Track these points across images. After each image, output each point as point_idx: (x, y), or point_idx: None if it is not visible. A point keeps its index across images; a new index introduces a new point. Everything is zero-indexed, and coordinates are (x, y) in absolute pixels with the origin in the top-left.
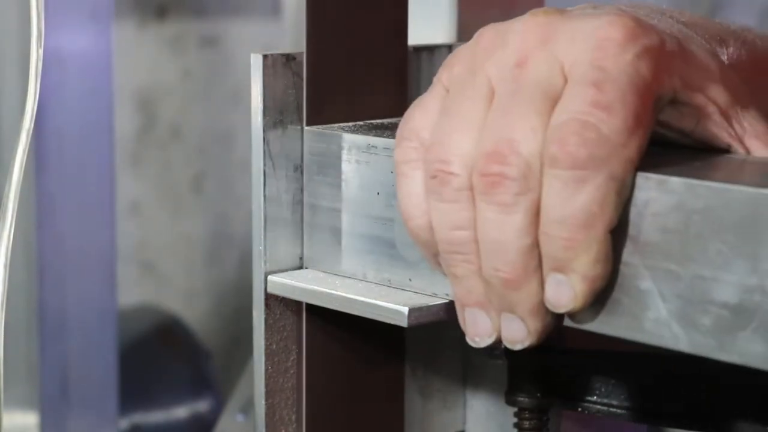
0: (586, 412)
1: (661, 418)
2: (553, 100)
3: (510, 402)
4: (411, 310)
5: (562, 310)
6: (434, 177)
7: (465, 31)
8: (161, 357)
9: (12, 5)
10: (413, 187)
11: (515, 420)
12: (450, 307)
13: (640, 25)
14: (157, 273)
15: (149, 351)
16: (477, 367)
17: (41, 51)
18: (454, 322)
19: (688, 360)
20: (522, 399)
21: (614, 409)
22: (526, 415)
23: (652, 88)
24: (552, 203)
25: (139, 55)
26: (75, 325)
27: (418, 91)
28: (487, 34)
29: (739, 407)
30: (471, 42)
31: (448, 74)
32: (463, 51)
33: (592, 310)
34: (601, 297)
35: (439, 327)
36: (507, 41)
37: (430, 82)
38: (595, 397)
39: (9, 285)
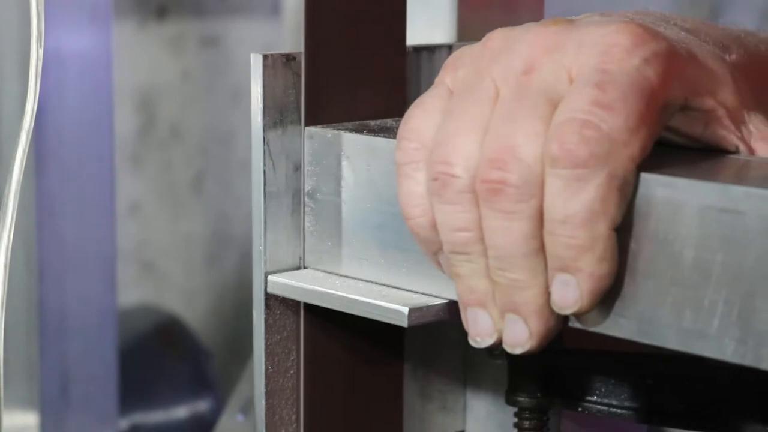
0: (586, 412)
1: (661, 418)
2: (557, 106)
3: (510, 402)
4: (411, 310)
5: (568, 311)
6: (436, 179)
7: (465, 31)
8: (161, 357)
9: (12, 5)
10: (414, 186)
11: (515, 420)
12: (450, 307)
13: (648, 32)
14: (157, 273)
15: (149, 351)
16: (477, 367)
17: (41, 51)
18: (454, 322)
19: (688, 360)
20: (522, 399)
21: (614, 409)
22: (526, 415)
23: (658, 92)
24: (554, 203)
25: (139, 55)
26: (75, 325)
27: (418, 91)
28: (496, 39)
29: (739, 407)
30: (478, 45)
31: (452, 76)
32: (468, 53)
33: (598, 312)
34: (606, 298)
35: (439, 327)
36: (515, 48)
37: (430, 82)
38: (595, 397)
39: (9, 285)
